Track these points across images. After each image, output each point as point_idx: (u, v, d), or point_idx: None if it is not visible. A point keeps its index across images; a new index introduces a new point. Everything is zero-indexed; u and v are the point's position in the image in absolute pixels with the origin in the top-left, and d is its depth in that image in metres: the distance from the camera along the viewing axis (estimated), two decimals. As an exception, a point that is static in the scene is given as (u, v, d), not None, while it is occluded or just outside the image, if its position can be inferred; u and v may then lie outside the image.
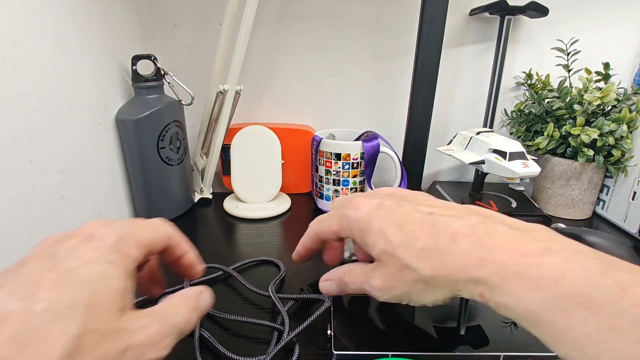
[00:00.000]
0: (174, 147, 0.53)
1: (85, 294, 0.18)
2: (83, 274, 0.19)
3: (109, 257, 0.21)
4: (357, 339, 0.31)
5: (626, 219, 0.55)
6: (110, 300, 0.19)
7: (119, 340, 0.19)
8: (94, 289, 0.19)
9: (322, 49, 0.65)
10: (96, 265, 0.20)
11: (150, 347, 0.20)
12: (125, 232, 0.22)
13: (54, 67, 0.38)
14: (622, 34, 0.63)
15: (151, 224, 0.25)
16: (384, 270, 0.26)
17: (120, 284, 0.20)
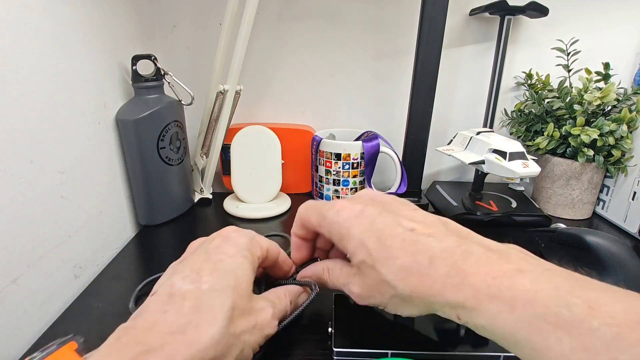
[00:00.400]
0: (174, 147, 0.53)
1: (231, 278, 0.26)
2: (228, 264, 0.27)
3: (244, 253, 0.28)
4: (358, 337, 0.31)
5: (626, 219, 0.55)
6: (246, 285, 0.27)
7: (251, 317, 0.26)
8: (236, 275, 0.26)
9: (322, 49, 0.65)
10: (235, 258, 0.27)
11: (267, 324, 0.27)
12: (252, 237, 0.30)
13: (54, 67, 0.38)
14: (622, 34, 0.63)
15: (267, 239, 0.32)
16: (363, 280, 0.27)
17: (250, 274, 0.28)
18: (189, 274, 0.25)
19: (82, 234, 0.42)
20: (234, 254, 0.27)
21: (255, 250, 0.29)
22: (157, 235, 0.52)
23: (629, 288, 0.22)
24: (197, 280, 0.25)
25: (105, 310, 0.38)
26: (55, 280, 0.38)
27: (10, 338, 0.32)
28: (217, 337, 0.23)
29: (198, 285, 0.25)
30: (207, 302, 0.24)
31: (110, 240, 0.48)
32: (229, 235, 0.29)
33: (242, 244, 0.28)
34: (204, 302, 0.24)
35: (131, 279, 0.43)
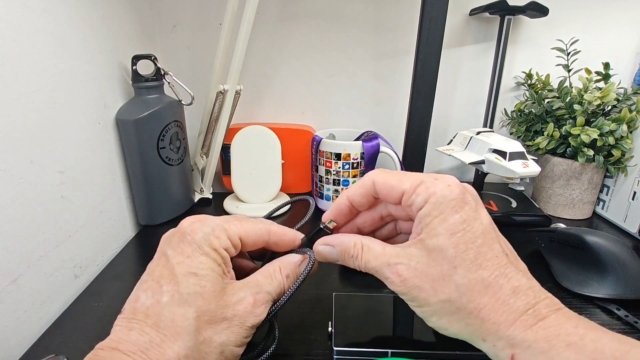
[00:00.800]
0: (174, 147, 0.53)
1: (192, 283, 0.24)
2: (187, 266, 0.24)
3: (203, 249, 0.25)
4: (358, 336, 0.31)
5: (626, 219, 0.55)
6: (212, 284, 0.24)
7: (225, 314, 0.24)
8: (198, 278, 0.24)
9: (322, 49, 0.65)
10: (194, 257, 0.25)
11: (249, 314, 0.25)
12: (212, 227, 0.26)
13: (54, 67, 0.38)
14: (622, 34, 0.63)
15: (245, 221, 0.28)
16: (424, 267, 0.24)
17: (216, 270, 0.25)
18: (151, 284, 0.24)
19: (82, 234, 0.42)
20: (191, 253, 0.25)
21: (218, 242, 0.25)
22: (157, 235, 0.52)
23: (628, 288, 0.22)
24: (158, 291, 0.23)
25: (105, 310, 0.38)
26: (55, 280, 0.38)
27: (10, 338, 0.32)
28: (183, 351, 0.22)
29: (158, 298, 0.23)
30: (167, 317, 0.23)
31: (110, 240, 0.48)
32: (184, 231, 0.25)
33: (199, 239, 0.25)
34: (164, 317, 0.23)
35: (131, 279, 0.43)
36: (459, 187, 0.24)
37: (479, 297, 0.22)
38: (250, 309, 0.25)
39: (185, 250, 0.25)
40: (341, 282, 0.42)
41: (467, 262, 0.22)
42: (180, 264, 0.24)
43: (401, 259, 0.24)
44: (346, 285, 0.42)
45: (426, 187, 0.24)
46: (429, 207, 0.24)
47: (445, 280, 0.23)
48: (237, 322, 0.25)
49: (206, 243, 0.25)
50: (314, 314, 0.36)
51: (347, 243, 0.27)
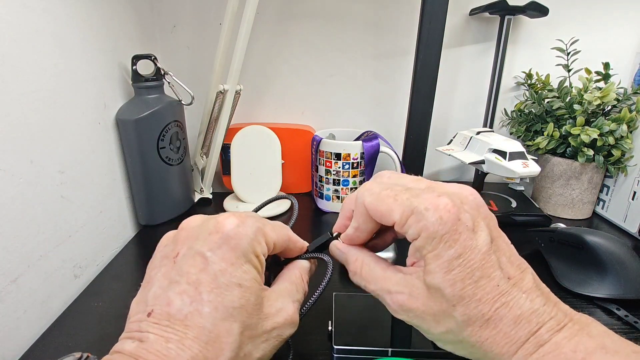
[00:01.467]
0: (174, 147, 0.53)
1: (237, 295, 0.22)
2: (231, 275, 0.22)
3: (248, 257, 0.23)
4: (358, 335, 0.31)
5: (626, 219, 0.55)
6: (254, 297, 0.23)
7: (264, 327, 0.23)
8: (242, 289, 0.22)
9: (322, 49, 0.65)
10: (238, 266, 0.23)
11: (288, 325, 0.25)
12: (255, 232, 0.24)
13: (54, 67, 0.38)
14: (622, 34, 0.63)
15: (275, 226, 0.27)
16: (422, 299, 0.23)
17: (258, 280, 0.24)
18: (186, 289, 0.21)
19: (82, 233, 0.42)
20: (235, 261, 0.23)
21: (261, 249, 0.24)
22: (157, 235, 0.52)
23: (628, 288, 0.22)
24: (197, 299, 0.21)
25: (105, 310, 0.38)
26: (55, 280, 0.38)
27: (10, 338, 0.32)
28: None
29: (199, 308, 0.21)
30: (212, 332, 0.21)
31: (110, 240, 0.48)
32: (228, 234, 0.23)
33: (245, 246, 0.23)
34: (207, 331, 0.21)
35: (131, 279, 0.43)
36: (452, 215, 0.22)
37: (480, 331, 0.22)
38: (289, 319, 0.25)
39: (228, 256, 0.23)
40: (341, 282, 0.42)
41: (466, 299, 0.22)
42: (224, 272, 0.22)
43: (402, 288, 0.24)
44: (346, 285, 0.42)
45: (417, 220, 0.23)
46: (422, 241, 0.23)
47: (445, 315, 0.22)
48: (275, 334, 0.24)
49: (251, 250, 0.23)
50: (314, 314, 0.36)
51: (350, 257, 0.27)
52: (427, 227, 0.22)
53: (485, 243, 0.22)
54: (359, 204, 0.26)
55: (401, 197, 0.24)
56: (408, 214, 0.23)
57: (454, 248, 0.22)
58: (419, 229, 0.23)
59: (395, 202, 0.24)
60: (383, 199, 0.24)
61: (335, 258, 0.29)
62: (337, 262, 0.29)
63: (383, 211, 0.24)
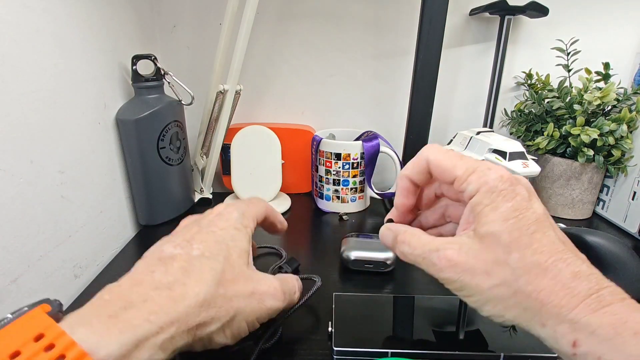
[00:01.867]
0: (174, 147, 0.53)
1: (223, 248, 0.26)
2: (220, 235, 0.27)
3: (236, 225, 0.28)
4: (358, 336, 0.31)
5: (626, 219, 0.55)
6: (239, 255, 0.27)
7: (247, 284, 0.26)
8: (228, 246, 0.26)
9: (322, 49, 0.65)
10: (228, 230, 0.27)
11: (270, 295, 0.27)
12: (243, 209, 0.30)
13: (54, 67, 0.38)
14: (622, 34, 0.63)
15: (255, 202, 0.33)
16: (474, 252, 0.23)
17: (244, 245, 0.28)
18: (180, 242, 0.26)
19: (82, 233, 0.42)
20: (225, 227, 0.28)
21: (248, 222, 0.30)
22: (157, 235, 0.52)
23: (628, 288, 0.22)
24: (188, 246, 0.25)
25: (105, 310, 0.37)
26: (55, 280, 0.38)
27: (10, 338, 0.32)
28: (205, 296, 0.23)
29: (188, 251, 0.25)
30: (196, 265, 0.24)
31: (110, 240, 0.48)
32: (220, 211, 0.29)
33: (234, 218, 0.29)
34: (193, 264, 0.24)
35: (131, 279, 0.43)
36: (511, 179, 0.23)
37: (537, 279, 0.21)
38: (272, 290, 0.27)
39: (219, 224, 0.28)
40: (341, 282, 0.42)
41: (522, 247, 0.21)
42: (214, 233, 0.27)
43: (451, 244, 0.24)
44: (346, 285, 0.42)
45: (478, 176, 0.23)
46: (481, 196, 0.23)
47: (499, 264, 0.22)
48: (257, 298, 0.26)
49: (239, 222, 0.29)
50: (314, 314, 0.36)
51: (399, 229, 0.28)
52: (488, 182, 0.23)
53: (541, 209, 0.23)
54: (421, 159, 0.27)
55: (466, 158, 0.25)
56: (470, 171, 0.24)
57: (511, 202, 0.22)
58: (480, 184, 0.23)
59: (460, 160, 0.25)
60: (449, 156, 0.26)
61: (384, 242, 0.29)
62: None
63: (446, 166, 0.25)
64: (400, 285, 0.42)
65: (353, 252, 0.43)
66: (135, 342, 0.19)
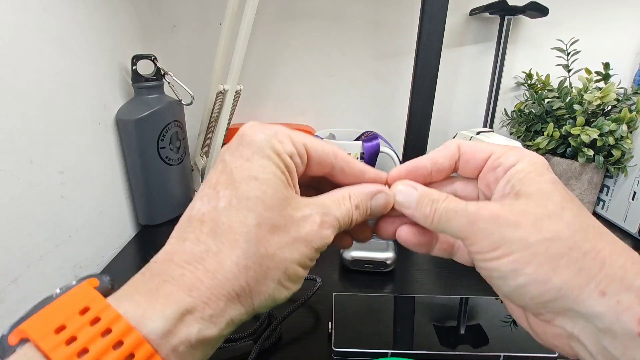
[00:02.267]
0: (174, 147, 0.53)
1: (252, 187, 0.21)
2: (246, 170, 0.21)
3: (265, 152, 0.22)
4: (358, 336, 0.31)
5: (626, 219, 0.55)
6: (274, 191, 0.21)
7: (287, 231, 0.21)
8: (259, 182, 0.21)
9: (322, 49, 0.65)
10: (254, 161, 0.21)
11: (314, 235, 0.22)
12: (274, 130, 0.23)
13: (54, 67, 0.38)
14: (622, 34, 0.63)
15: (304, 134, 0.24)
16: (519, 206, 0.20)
17: (279, 176, 0.22)
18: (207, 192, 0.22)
19: (82, 233, 0.42)
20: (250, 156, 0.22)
21: (281, 146, 0.22)
22: (157, 235, 0.52)
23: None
24: (214, 197, 0.21)
25: (105, 310, 0.38)
26: (56, 280, 0.38)
27: (10, 338, 0.32)
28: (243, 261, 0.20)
29: (215, 204, 0.21)
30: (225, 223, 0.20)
31: (110, 240, 0.48)
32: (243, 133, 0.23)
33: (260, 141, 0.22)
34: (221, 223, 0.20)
35: (131, 279, 0.43)
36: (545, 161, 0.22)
37: (594, 239, 0.18)
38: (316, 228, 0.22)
39: (244, 153, 0.22)
40: (341, 282, 0.42)
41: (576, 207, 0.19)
42: (239, 168, 0.21)
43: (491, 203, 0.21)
44: (346, 285, 0.42)
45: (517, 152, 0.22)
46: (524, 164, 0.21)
47: (551, 218, 0.19)
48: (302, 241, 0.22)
49: (268, 146, 0.22)
50: (314, 314, 0.36)
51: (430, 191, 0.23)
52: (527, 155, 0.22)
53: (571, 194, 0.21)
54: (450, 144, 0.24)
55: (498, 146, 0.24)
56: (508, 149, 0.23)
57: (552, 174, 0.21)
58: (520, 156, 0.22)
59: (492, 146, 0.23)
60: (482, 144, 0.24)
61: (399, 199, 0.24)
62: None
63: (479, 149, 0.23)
64: (400, 285, 0.42)
65: (353, 252, 0.43)
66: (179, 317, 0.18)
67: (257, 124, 0.23)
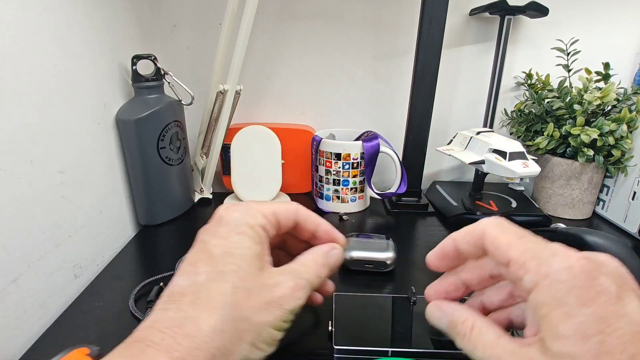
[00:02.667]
0: (174, 147, 0.53)
1: (229, 262, 0.23)
2: (222, 247, 0.24)
3: (240, 229, 0.25)
4: (358, 336, 0.31)
5: (626, 219, 0.55)
6: (248, 263, 0.24)
7: (263, 294, 0.24)
8: (234, 257, 0.24)
9: (322, 49, 0.65)
10: (230, 239, 0.25)
11: (288, 298, 0.24)
12: (246, 207, 0.27)
13: (54, 67, 0.38)
14: (622, 34, 0.63)
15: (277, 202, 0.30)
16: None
17: (253, 249, 0.25)
18: (187, 268, 0.24)
19: (82, 233, 0.42)
20: (227, 235, 0.25)
21: (255, 221, 0.26)
22: (157, 235, 0.52)
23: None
24: (194, 272, 0.23)
25: (105, 310, 0.38)
26: (56, 280, 0.38)
27: (10, 338, 0.32)
28: (219, 325, 0.21)
29: (195, 278, 0.23)
30: (204, 294, 0.22)
31: (110, 240, 0.48)
32: (220, 215, 0.26)
33: (235, 220, 0.25)
34: (201, 294, 0.22)
35: (131, 279, 0.43)
36: (587, 267, 0.18)
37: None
38: (289, 292, 0.25)
39: (220, 232, 0.25)
40: (341, 282, 0.42)
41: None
42: (217, 246, 0.24)
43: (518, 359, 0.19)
44: (346, 285, 0.42)
45: (538, 264, 0.19)
46: (543, 293, 0.18)
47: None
48: (275, 304, 0.24)
49: (242, 222, 0.25)
50: (314, 314, 0.36)
51: (458, 317, 0.24)
52: (550, 274, 0.18)
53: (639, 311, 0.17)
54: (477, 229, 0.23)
55: (527, 237, 0.21)
56: (528, 256, 0.19)
57: (592, 307, 0.17)
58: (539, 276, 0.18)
59: (519, 239, 0.21)
60: (509, 232, 0.22)
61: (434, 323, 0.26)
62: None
63: (501, 243, 0.21)
64: (400, 285, 0.42)
65: (353, 252, 0.43)
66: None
67: (232, 205, 0.27)
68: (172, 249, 0.49)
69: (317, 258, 0.28)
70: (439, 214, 0.60)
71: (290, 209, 0.28)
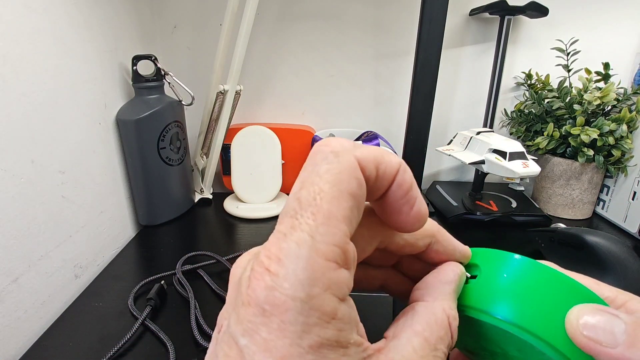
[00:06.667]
0: (174, 147, 0.53)
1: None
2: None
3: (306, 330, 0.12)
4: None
5: (626, 219, 0.55)
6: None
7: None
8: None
9: (322, 49, 0.65)
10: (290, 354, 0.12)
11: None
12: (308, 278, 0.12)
13: (55, 67, 0.38)
14: (622, 34, 0.63)
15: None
16: None
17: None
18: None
19: (83, 233, 0.42)
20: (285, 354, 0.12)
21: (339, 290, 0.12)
22: (157, 235, 0.52)
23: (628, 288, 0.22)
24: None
25: (105, 310, 0.38)
26: (56, 280, 0.38)
27: (10, 337, 0.32)
28: None
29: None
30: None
31: (111, 240, 0.48)
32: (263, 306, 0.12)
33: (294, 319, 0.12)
34: None
35: (131, 279, 0.43)
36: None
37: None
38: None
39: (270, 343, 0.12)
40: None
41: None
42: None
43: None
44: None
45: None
46: None
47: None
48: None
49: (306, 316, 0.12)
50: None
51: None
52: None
53: None
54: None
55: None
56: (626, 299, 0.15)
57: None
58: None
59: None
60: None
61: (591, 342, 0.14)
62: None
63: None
64: (400, 285, 0.42)
65: None
66: None
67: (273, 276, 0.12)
68: (172, 249, 0.49)
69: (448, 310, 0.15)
70: (439, 214, 0.60)
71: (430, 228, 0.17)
